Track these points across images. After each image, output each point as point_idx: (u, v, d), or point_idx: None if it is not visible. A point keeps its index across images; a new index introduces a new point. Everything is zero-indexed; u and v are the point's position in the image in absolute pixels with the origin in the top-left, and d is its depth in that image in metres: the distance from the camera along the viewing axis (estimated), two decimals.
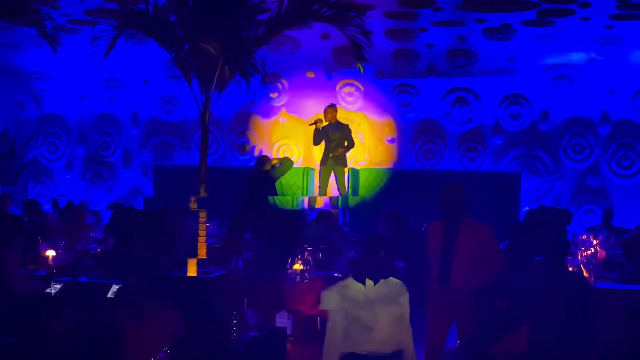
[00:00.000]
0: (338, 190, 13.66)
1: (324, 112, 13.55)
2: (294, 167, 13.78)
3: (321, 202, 13.82)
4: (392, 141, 15.97)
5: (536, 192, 15.19)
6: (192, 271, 7.85)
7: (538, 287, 6.76)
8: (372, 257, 5.68)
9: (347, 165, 13.79)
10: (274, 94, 16.29)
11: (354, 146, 13.72)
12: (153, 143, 17.03)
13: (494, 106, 15.53)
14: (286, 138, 16.27)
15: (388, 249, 5.90)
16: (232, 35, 7.77)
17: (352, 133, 13.77)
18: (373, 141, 15.96)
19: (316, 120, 13.48)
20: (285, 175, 13.13)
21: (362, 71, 8.25)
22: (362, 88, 15.93)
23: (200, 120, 8.07)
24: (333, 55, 15.45)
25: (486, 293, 6.89)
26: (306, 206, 13.73)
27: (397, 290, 5.72)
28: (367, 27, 8.14)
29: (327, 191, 13.73)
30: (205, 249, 7.79)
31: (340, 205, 13.42)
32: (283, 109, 16.30)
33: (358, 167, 14.83)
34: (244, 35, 7.95)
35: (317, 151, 14.69)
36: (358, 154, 15.69)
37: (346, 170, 13.70)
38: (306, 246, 9.02)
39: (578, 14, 13.20)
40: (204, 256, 7.75)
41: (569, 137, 15.19)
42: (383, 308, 5.59)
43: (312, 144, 13.91)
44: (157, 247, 8.02)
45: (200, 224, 7.80)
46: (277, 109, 16.35)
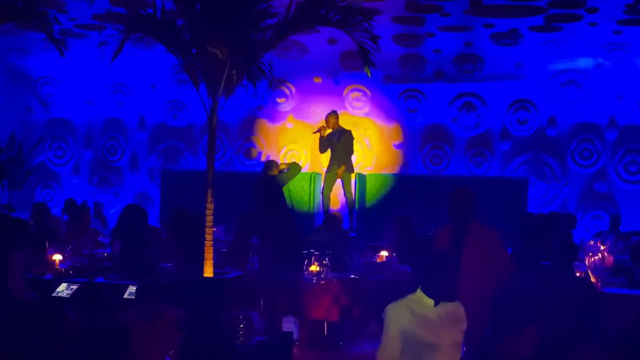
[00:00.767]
0: (345, 195, 13.65)
1: (326, 120, 13.53)
2: (301, 172, 13.76)
3: (337, 204, 13.84)
4: (400, 146, 15.96)
5: (544, 198, 15.16)
6: (209, 272, 7.86)
7: (545, 292, 6.75)
8: (444, 273, 5.16)
9: (354, 170, 13.79)
10: (282, 99, 16.30)
11: (352, 153, 13.63)
12: (160, 148, 17.06)
13: (502, 111, 15.52)
14: (293, 143, 16.28)
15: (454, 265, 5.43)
16: (240, 39, 7.78)
17: (359, 138, 13.78)
18: (380, 146, 15.96)
19: (319, 128, 13.47)
20: (292, 180, 13.11)
21: (370, 76, 8.26)
22: (370, 93, 15.93)
23: (207, 124, 8.07)
24: (340, 60, 15.46)
25: (494, 297, 6.88)
26: (321, 207, 13.74)
27: (460, 313, 5.20)
28: (375, 32, 8.15)
29: (331, 196, 13.70)
30: (212, 253, 7.79)
31: (357, 206, 13.42)
32: (290, 114, 16.31)
33: (365, 173, 14.83)
34: (252, 39, 7.96)
35: (324, 156, 14.70)
36: (365, 159, 15.70)
37: (353, 175, 13.70)
38: (312, 251, 9.04)
39: (585, 20, 13.20)
40: (211, 259, 7.76)
41: (577, 143, 15.16)
42: (447, 330, 5.10)
43: (319, 152, 13.91)
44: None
45: (207, 228, 7.79)
46: (285, 114, 16.36)
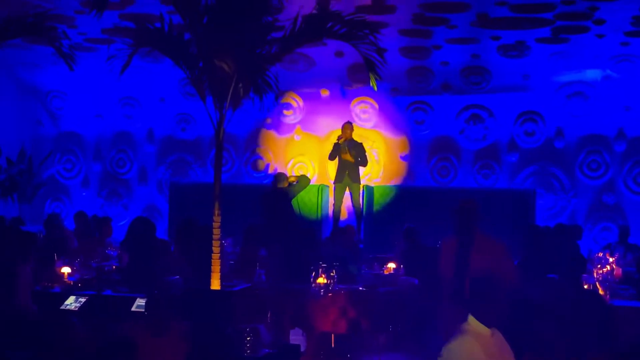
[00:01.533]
0: (353, 207, 13.67)
1: (342, 129, 13.58)
2: (310, 185, 13.76)
3: (345, 215, 13.88)
4: (407, 158, 15.97)
5: (551, 210, 15.12)
6: (216, 284, 7.87)
7: (552, 305, 6.73)
8: (494, 299, 4.94)
9: (361, 182, 13.81)
10: (289, 112, 16.34)
11: (367, 164, 13.75)
12: (169, 160, 17.10)
13: (509, 123, 15.51)
14: (301, 155, 16.30)
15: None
16: (246, 53, 7.80)
17: (367, 150, 13.81)
18: (388, 158, 15.97)
19: (339, 136, 13.55)
20: (300, 192, 13.13)
21: (376, 89, 8.25)
22: (377, 105, 15.95)
23: (215, 137, 8.09)
24: (347, 72, 15.49)
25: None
26: (330, 216, 13.75)
27: (504, 345, 4.93)
28: (382, 45, 8.16)
29: (342, 208, 13.75)
30: (219, 265, 7.79)
31: (364, 217, 13.56)
32: (298, 126, 16.33)
33: (373, 184, 14.83)
34: (258, 52, 7.98)
35: (332, 168, 14.71)
36: (373, 171, 15.71)
37: (361, 187, 13.72)
38: (320, 263, 9.04)
39: (593, 31, 13.19)
40: (218, 271, 7.77)
41: (585, 154, 15.12)
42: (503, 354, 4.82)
43: (327, 159, 13.96)
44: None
45: (214, 240, 7.80)
46: (292, 127, 16.39)
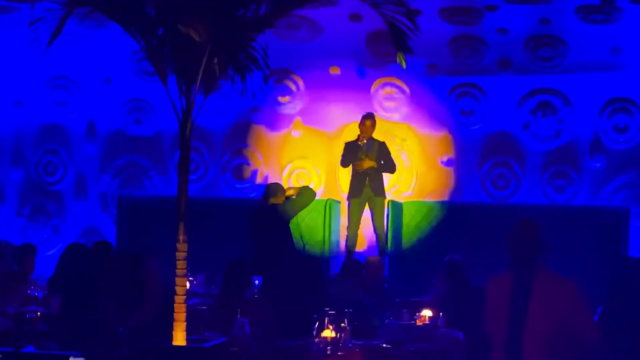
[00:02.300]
0: (374, 231, 13.67)
1: (361, 124, 13.57)
2: (314, 200, 13.78)
3: (364, 244, 13.88)
4: (450, 163, 15.98)
5: None
6: (180, 339, 7.87)
7: None
8: None
9: (387, 196, 13.82)
10: (285, 98, 16.37)
11: (395, 170, 13.77)
12: (116, 165, 17.12)
13: (593, 115, 15.51)
14: (302, 158, 16.32)
15: None
16: (224, 15, 7.83)
17: (393, 151, 13.88)
18: (423, 163, 15.97)
19: (360, 135, 13.53)
20: (303, 210, 13.15)
21: (405, 66, 8.28)
22: (408, 90, 15.97)
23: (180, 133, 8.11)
24: (367, 43, 15.52)
25: None
26: (342, 248, 13.77)
27: None
28: (414, 6, 8.20)
29: (359, 232, 13.75)
30: (184, 312, 7.80)
31: (389, 246, 13.48)
32: (297, 119, 16.36)
33: (401, 200, 14.83)
34: (241, 15, 8.00)
35: (345, 178, 14.70)
36: (402, 182, 15.73)
37: (386, 203, 13.72)
38: (327, 310, 9.04)
39: None
40: (183, 321, 7.77)
41: None
42: None
43: (339, 165, 13.98)
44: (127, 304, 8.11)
45: (177, 278, 7.80)
46: (289, 118, 16.42)
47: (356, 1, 8.36)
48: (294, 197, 12.68)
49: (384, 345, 9.17)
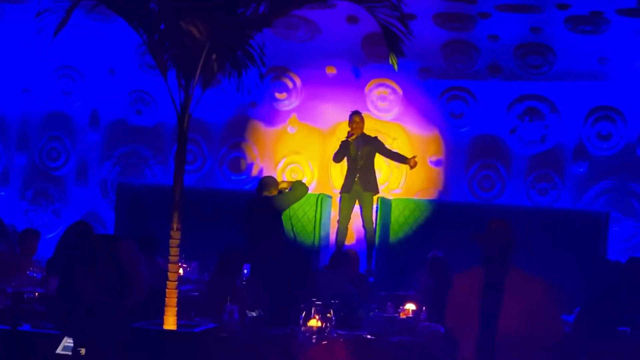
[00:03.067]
0: (363, 226, 13.68)
1: (350, 122, 13.60)
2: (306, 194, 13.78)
3: (353, 238, 13.89)
4: (438, 163, 15.97)
5: (631, 240, 15.10)
6: (170, 323, 7.86)
7: None
8: None
9: (379, 191, 13.83)
10: (282, 95, 16.36)
11: (398, 158, 13.91)
12: (118, 153, 17.12)
13: (577, 122, 15.50)
14: (296, 154, 16.31)
15: None
16: (224, 13, 7.82)
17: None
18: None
19: (349, 132, 13.55)
20: (295, 204, 13.16)
21: (397, 68, 8.27)
22: (401, 91, 15.96)
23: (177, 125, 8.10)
24: (363, 45, 15.50)
25: None
26: (332, 240, 13.78)
27: None
28: (410, 10, 8.22)
29: (350, 227, 13.76)
30: (175, 297, 7.80)
31: (377, 241, 13.48)
32: (293, 115, 16.35)
33: (390, 197, 14.83)
34: (240, 13, 8.00)
35: (337, 173, 14.70)
36: (391, 179, 15.72)
37: (375, 198, 13.72)
38: (314, 300, 9.05)
39: None
40: (174, 306, 7.77)
41: None
42: None
43: (332, 160, 14.00)
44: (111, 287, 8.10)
45: (170, 264, 7.80)
46: (286, 115, 16.41)
47: (353, 4, 8.36)
48: (287, 191, 12.69)
49: (368, 336, 9.20)
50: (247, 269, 10.93)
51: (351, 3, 8.30)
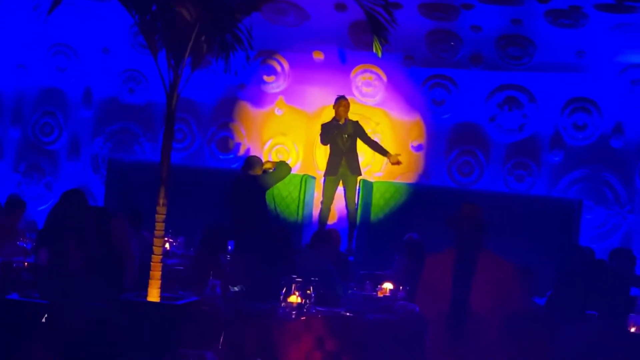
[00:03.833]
0: (346, 206, 13.68)
1: (335, 105, 13.57)
2: (290, 174, 13.78)
3: (334, 218, 13.89)
4: (419, 148, 15.97)
5: (601, 228, 15.14)
6: (154, 295, 7.85)
7: (591, 351, 6.75)
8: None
9: (362, 174, 13.83)
10: (270, 77, 16.32)
11: (378, 147, 13.84)
12: (109, 130, 17.08)
13: (554, 112, 15.51)
14: (282, 135, 16.29)
15: None
16: None
17: (368, 134, 13.86)
18: (394, 147, 15.87)
19: (335, 117, 13.52)
20: (277, 184, 13.16)
21: (380, 55, 8.26)
22: (385, 77, 15.94)
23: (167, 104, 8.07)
24: (350, 32, 15.47)
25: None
26: (315, 219, 13.78)
27: None
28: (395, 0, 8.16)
29: (332, 207, 13.76)
30: (159, 270, 7.78)
31: (358, 221, 13.52)
32: (280, 98, 16.32)
33: (372, 179, 14.82)
34: None
35: (321, 155, 14.69)
36: (374, 163, 15.70)
37: (358, 180, 13.72)
38: (294, 277, 9.06)
39: None
40: (158, 279, 7.76)
41: None
42: None
43: (320, 143, 13.98)
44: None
45: (156, 238, 7.79)
46: (273, 97, 16.37)
47: None
48: (271, 171, 12.70)
49: (346, 313, 9.20)
50: (232, 245, 10.94)
51: None
